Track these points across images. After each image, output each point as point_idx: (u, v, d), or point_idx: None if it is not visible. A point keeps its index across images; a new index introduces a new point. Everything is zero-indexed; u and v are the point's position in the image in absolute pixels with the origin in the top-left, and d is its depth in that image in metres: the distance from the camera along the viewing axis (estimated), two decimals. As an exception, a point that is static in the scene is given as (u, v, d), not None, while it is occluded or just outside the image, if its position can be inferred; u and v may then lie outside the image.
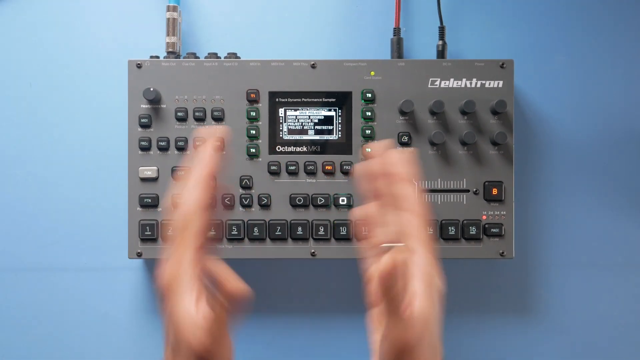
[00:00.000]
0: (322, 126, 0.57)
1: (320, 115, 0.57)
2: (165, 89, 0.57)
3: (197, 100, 0.57)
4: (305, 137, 0.57)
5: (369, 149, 0.40)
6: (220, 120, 0.57)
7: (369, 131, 0.57)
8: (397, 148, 0.41)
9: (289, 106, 0.57)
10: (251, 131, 0.57)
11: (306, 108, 0.57)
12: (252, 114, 0.57)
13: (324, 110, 0.57)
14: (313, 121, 0.57)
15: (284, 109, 0.57)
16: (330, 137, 0.57)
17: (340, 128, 0.57)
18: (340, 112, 0.57)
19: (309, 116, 0.57)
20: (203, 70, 0.57)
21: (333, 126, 0.57)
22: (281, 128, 0.57)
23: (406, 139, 0.57)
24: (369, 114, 0.57)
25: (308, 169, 0.57)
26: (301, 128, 0.57)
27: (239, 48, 0.60)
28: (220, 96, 0.57)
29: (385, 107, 0.57)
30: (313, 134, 0.57)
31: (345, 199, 0.57)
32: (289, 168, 0.57)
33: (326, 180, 0.57)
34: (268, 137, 0.57)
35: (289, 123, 0.57)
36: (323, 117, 0.57)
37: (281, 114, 0.57)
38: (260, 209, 0.57)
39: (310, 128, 0.57)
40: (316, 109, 0.57)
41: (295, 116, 0.57)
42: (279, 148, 0.57)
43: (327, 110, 0.57)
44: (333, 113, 0.57)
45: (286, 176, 0.57)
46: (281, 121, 0.57)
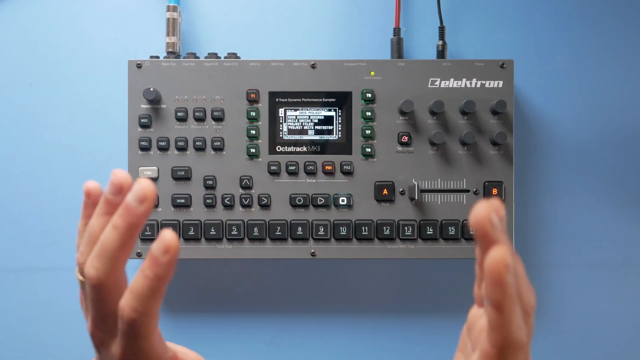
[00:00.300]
0: (322, 126, 0.57)
1: (320, 115, 0.57)
2: (165, 89, 0.57)
3: (197, 100, 0.57)
4: (305, 137, 0.57)
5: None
6: (220, 120, 0.57)
7: (369, 131, 0.57)
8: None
9: (289, 106, 0.57)
10: (251, 131, 0.57)
11: (306, 108, 0.57)
12: (252, 114, 0.57)
13: (324, 110, 0.57)
14: (313, 121, 0.57)
15: (284, 109, 0.57)
16: (330, 137, 0.57)
17: (340, 128, 0.57)
18: (340, 112, 0.57)
19: (309, 116, 0.57)
20: (203, 70, 0.57)
21: (333, 126, 0.57)
22: (281, 128, 0.57)
23: (406, 139, 0.57)
24: (369, 114, 0.57)
25: (308, 169, 0.57)
26: (301, 128, 0.57)
27: (239, 48, 0.60)
28: (220, 96, 0.57)
29: (385, 107, 0.57)
30: (313, 134, 0.57)
31: (345, 199, 0.57)
32: (289, 168, 0.57)
33: (326, 180, 0.57)
34: (268, 137, 0.57)
35: (289, 123, 0.57)
36: (323, 117, 0.57)
37: (281, 114, 0.57)
38: (260, 209, 0.57)
39: (310, 128, 0.57)
40: (316, 109, 0.57)
41: (295, 116, 0.57)
42: (279, 148, 0.57)
43: (327, 110, 0.57)
44: (333, 113, 0.57)
45: (286, 176, 0.57)
46: (281, 121, 0.57)
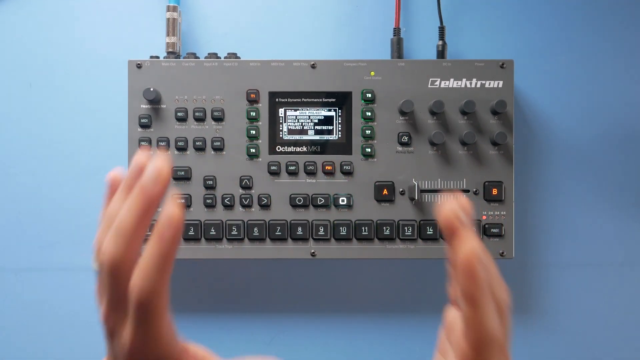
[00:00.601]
0: (322, 126, 0.57)
1: (320, 115, 0.57)
2: (165, 89, 0.57)
3: (197, 100, 0.57)
4: (305, 137, 0.57)
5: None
6: (220, 120, 0.57)
7: (369, 131, 0.57)
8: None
9: (289, 106, 0.57)
10: (251, 131, 0.57)
11: (306, 108, 0.57)
12: (252, 114, 0.57)
13: (324, 110, 0.57)
14: (313, 121, 0.57)
15: (284, 109, 0.57)
16: (330, 137, 0.57)
17: (340, 128, 0.57)
18: (340, 112, 0.57)
19: (309, 116, 0.57)
20: (203, 70, 0.57)
21: (333, 126, 0.57)
22: (281, 128, 0.57)
23: (406, 139, 0.57)
24: (369, 114, 0.57)
25: (308, 169, 0.57)
26: (301, 128, 0.57)
27: (239, 48, 0.60)
28: (220, 96, 0.57)
29: (385, 107, 0.57)
30: (313, 134, 0.57)
31: (345, 199, 0.57)
32: (289, 168, 0.57)
33: (326, 180, 0.57)
34: (268, 137, 0.57)
35: (289, 123, 0.57)
36: (323, 117, 0.57)
37: (281, 114, 0.57)
38: (260, 209, 0.57)
39: (310, 128, 0.57)
40: (316, 109, 0.57)
41: (295, 116, 0.57)
42: (279, 148, 0.57)
43: (327, 110, 0.57)
44: (333, 113, 0.57)
45: (286, 176, 0.57)
46: (281, 121, 0.57)
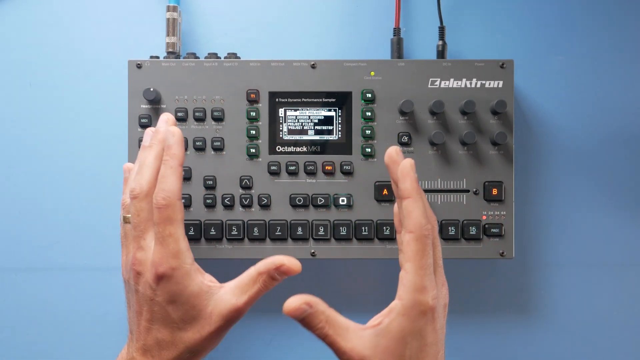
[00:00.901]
0: (322, 126, 0.57)
1: (320, 115, 0.57)
2: (165, 89, 0.57)
3: (197, 100, 0.57)
4: (305, 137, 0.57)
5: (388, 155, 0.43)
6: (220, 120, 0.57)
7: (369, 131, 0.57)
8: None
9: (289, 106, 0.57)
10: (251, 131, 0.57)
11: (306, 108, 0.57)
12: (252, 114, 0.57)
13: (324, 110, 0.57)
14: (313, 121, 0.57)
15: (284, 109, 0.57)
16: (330, 137, 0.57)
17: (340, 128, 0.57)
18: (340, 112, 0.57)
19: (309, 116, 0.57)
20: (203, 70, 0.57)
21: (333, 126, 0.57)
22: (281, 128, 0.57)
23: (406, 139, 0.57)
24: (369, 114, 0.57)
25: (308, 169, 0.57)
26: (301, 128, 0.57)
27: (239, 48, 0.60)
28: (220, 96, 0.57)
29: (385, 107, 0.57)
30: (313, 134, 0.57)
31: (345, 199, 0.57)
32: (289, 168, 0.57)
33: (326, 180, 0.57)
34: (268, 137, 0.57)
35: (289, 123, 0.57)
36: (323, 117, 0.57)
37: (281, 114, 0.57)
38: (260, 209, 0.57)
39: (310, 128, 0.57)
40: (316, 109, 0.57)
41: (295, 116, 0.57)
42: (279, 148, 0.57)
43: (327, 110, 0.57)
44: (333, 113, 0.57)
45: (286, 176, 0.57)
46: (281, 121, 0.57)
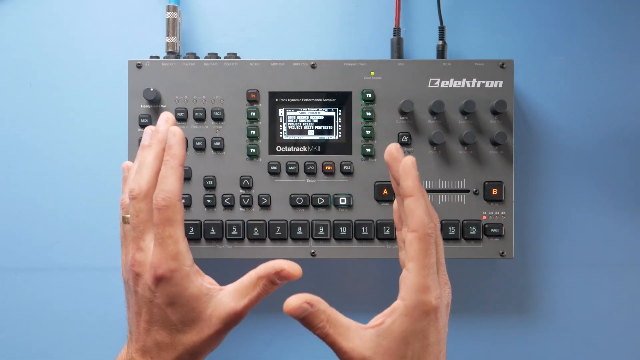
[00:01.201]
0: (322, 126, 0.57)
1: (320, 115, 0.57)
2: (165, 89, 0.57)
3: (197, 100, 0.57)
4: (305, 137, 0.57)
5: (388, 152, 0.43)
6: (220, 120, 0.57)
7: (369, 131, 0.57)
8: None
9: (289, 106, 0.57)
10: (251, 131, 0.57)
11: (306, 108, 0.57)
12: (252, 114, 0.57)
13: (324, 110, 0.57)
14: (313, 121, 0.57)
15: (284, 109, 0.57)
16: (330, 137, 0.57)
17: (340, 128, 0.57)
18: (340, 112, 0.57)
19: (309, 116, 0.57)
20: (203, 70, 0.57)
21: (333, 126, 0.57)
22: (281, 128, 0.57)
23: (406, 139, 0.57)
24: (369, 114, 0.57)
25: (308, 169, 0.57)
26: (301, 128, 0.57)
27: (239, 48, 0.60)
28: (220, 96, 0.57)
29: (385, 107, 0.57)
30: (313, 134, 0.57)
31: (345, 199, 0.57)
32: (289, 168, 0.57)
33: (326, 180, 0.57)
34: (268, 137, 0.57)
35: (289, 123, 0.57)
36: (323, 117, 0.57)
37: (281, 114, 0.57)
38: (260, 209, 0.57)
39: (310, 128, 0.57)
40: (316, 109, 0.57)
41: (295, 116, 0.57)
42: (279, 148, 0.57)
43: (327, 110, 0.57)
44: (333, 113, 0.57)
45: (286, 176, 0.57)
46: (281, 121, 0.57)
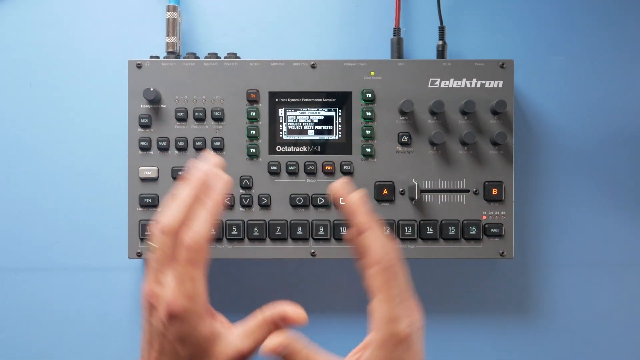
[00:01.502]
0: (322, 126, 0.57)
1: (320, 115, 0.57)
2: (165, 89, 0.57)
3: (197, 100, 0.57)
4: (305, 137, 0.57)
5: (332, 192, 0.41)
6: (220, 120, 0.57)
7: (369, 131, 0.57)
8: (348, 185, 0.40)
9: (289, 106, 0.57)
10: (251, 131, 0.57)
11: (306, 108, 0.57)
12: (252, 114, 0.57)
13: (324, 110, 0.57)
14: (313, 121, 0.57)
15: (284, 109, 0.57)
16: (330, 137, 0.57)
17: (340, 128, 0.57)
18: (340, 112, 0.57)
19: (309, 116, 0.57)
20: (203, 70, 0.57)
21: (333, 126, 0.57)
22: (281, 128, 0.57)
23: (406, 139, 0.57)
24: (369, 114, 0.57)
25: (308, 169, 0.57)
26: (301, 128, 0.57)
27: (239, 48, 0.60)
28: (220, 96, 0.57)
29: (385, 107, 0.57)
30: (313, 134, 0.57)
31: (345, 199, 0.57)
32: (289, 168, 0.57)
33: (326, 180, 0.57)
34: (268, 137, 0.57)
35: (289, 123, 0.57)
36: (323, 117, 0.57)
37: (281, 114, 0.57)
38: (260, 209, 0.57)
39: (310, 128, 0.57)
40: (316, 109, 0.57)
41: (295, 116, 0.57)
42: (279, 148, 0.57)
43: (327, 110, 0.57)
44: (333, 113, 0.57)
45: (286, 176, 0.57)
46: (281, 121, 0.57)
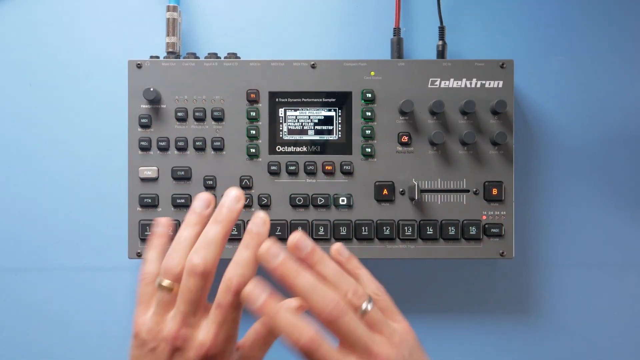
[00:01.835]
0: (322, 126, 0.57)
1: (320, 115, 0.57)
2: (165, 89, 0.57)
3: (197, 100, 0.57)
4: (305, 137, 0.57)
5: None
6: (220, 120, 0.57)
7: (369, 131, 0.57)
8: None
9: (289, 106, 0.57)
10: (251, 131, 0.57)
11: (306, 108, 0.57)
12: (252, 114, 0.57)
13: (324, 110, 0.57)
14: (313, 121, 0.57)
15: (284, 109, 0.57)
16: (330, 137, 0.57)
17: (340, 128, 0.57)
18: (340, 112, 0.57)
19: (309, 116, 0.57)
20: (203, 70, 0.57)
21: (333, 126, 0.57)
22: (281, 128, 0.57)
23: (406, 139, 0.57)
24: (369, 114, 0.57)
25: (308, 169, 0.57)
26: (301, 128, 0.57)
27: (239, 48, 0.60)
28: (220, 96, 0.57)
29: (385, 107, 0.57)
30: (313, 134, 0.57)
31: (345, 199, 0.57)
32: (289, 168, 0.57)
33: (326, 180, 0.57)
34: (268, 137, 0.57)
35: (289, 123, 0.57)
36: (323, 117, 0.57)
37: (281, 114, 0.57)
38: (260, 209, 0.57)
39: (310, 128, 0.57)
40: (316, 109, 0.57)
41: (295, 116, 0.57)
42: (279, 148, 0.57)
43: (327, 110, 0.57)
44: (333, 113, 0.57)
45: (286, 176, 0.57)
46: (281, 121, 0.57)
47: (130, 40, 0.61)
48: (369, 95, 0.57)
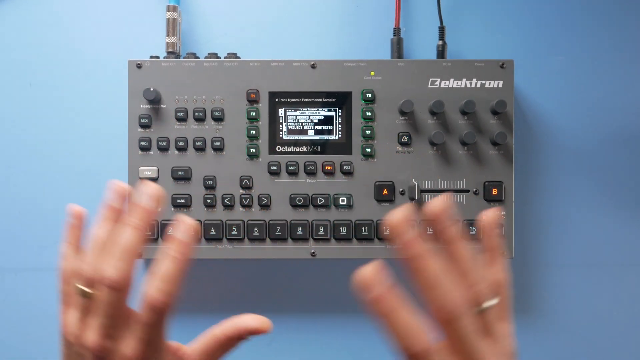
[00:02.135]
0: (322, 126, 0.57)
1: (320, 115, 0.57)
2: (165, 89, 0.57)
3: (197, 100, 0.57)
4: (305, 137, 0.57)
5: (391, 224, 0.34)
6: (220, 120, 0.57)
7: (369, 131, 0.57)
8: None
9: (289, 106, 0.57)
10: (251, 131, 0.57)
11: (306, 108, 0.57)
12: (252, 114, 0.57)
13: (324, 110, 0.57)
14: (313, 121, 0.57)
15: (284, 109, 0.57)
16: (330, 137, 0.57)
17: (340, 128, 0.57)
18: (340, 112, 0.57)
19: (309, 116, 0.57)
20: (203, 70, 0.57)
21: (333, 126, 0.57)
22: (281, 128, 0.57)
23: (406, 139, 0.57)
24: (369, 114, 0.57)
25: (308, 169, 0.57)
26: (301, 128, 0.57)
27: (239, 48, 0.60)
28: (220, 96, 0.57)
29: (385, 107, 0.57)
30: (313, 134, 0.57)
31: (345, 199, 0.57)
32: (289, 168, 0.57)
33: (326, 180, 0.57)
34: (268, 137, 0.57)
35: (289, 123, 0.57)
36: (323, 117, 0.57)
37: (281, 114, 0.57)
38: (260, 209, 0.57)
39: (310, 128, 0.57)
40: (316, 109, 0.57)
41: (295, 116, 0.57)
42: (279, 148, 0.57)
43: (327, 110, 0.57)
44: (333, 113, 0.57)
45: (286, 176, 0.57)
46: (281, 121, 0.57)
47: (130, 40, 0.61)
48: (369, 95, 0.57)
